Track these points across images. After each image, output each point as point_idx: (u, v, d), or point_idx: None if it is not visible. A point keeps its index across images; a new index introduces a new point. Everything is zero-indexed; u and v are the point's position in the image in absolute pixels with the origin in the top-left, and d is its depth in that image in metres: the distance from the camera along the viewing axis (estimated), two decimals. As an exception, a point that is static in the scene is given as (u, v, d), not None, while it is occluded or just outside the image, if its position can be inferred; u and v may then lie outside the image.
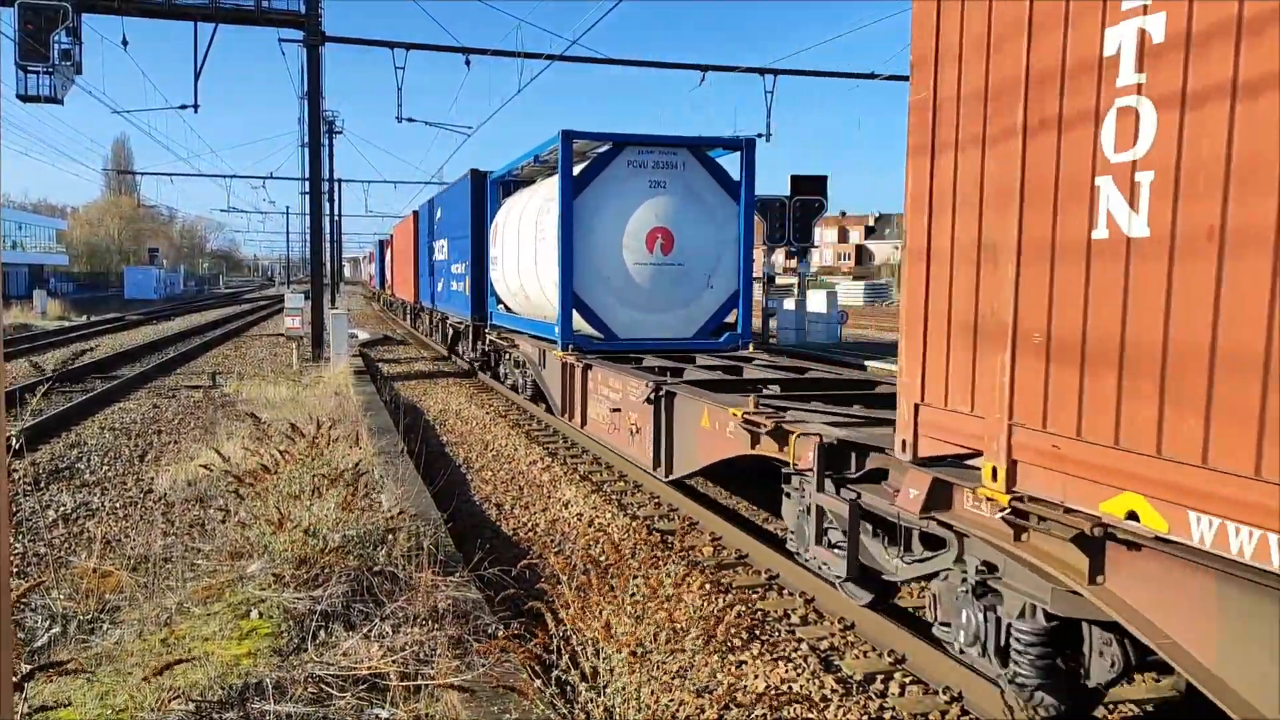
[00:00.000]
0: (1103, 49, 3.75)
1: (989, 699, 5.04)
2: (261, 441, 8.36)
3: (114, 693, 4.13)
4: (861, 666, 5.68)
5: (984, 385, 4.41)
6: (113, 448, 12.14)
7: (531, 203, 14.58)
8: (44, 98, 21.41)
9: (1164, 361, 3.47)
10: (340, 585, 5.24)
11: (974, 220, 4.49)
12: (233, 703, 4.11)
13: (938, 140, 4.78)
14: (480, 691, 4.13)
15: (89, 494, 9.67)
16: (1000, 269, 4.29)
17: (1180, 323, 3.41)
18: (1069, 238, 3.91)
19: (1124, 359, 3.64)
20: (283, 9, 22.33)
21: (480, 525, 8.92)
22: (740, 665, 5.64)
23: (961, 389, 4.59)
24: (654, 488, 10.05)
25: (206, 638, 4.77)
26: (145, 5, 21.06)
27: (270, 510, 5.84)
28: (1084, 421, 3.84)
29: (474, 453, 12.48)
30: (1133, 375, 3.60)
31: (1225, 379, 3.25)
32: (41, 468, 10.83)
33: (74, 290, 71.80)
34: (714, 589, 6.92)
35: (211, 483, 8.65)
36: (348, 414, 12.40)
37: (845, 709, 5.15)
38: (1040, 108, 4.07)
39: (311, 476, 6.49)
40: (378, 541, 5.89)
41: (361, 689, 4.28)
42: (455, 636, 4.75)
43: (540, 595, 4.75)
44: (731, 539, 8.17)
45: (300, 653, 4.65)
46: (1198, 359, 3.34)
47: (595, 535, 8.35)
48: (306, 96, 23.98)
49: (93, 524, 8.31)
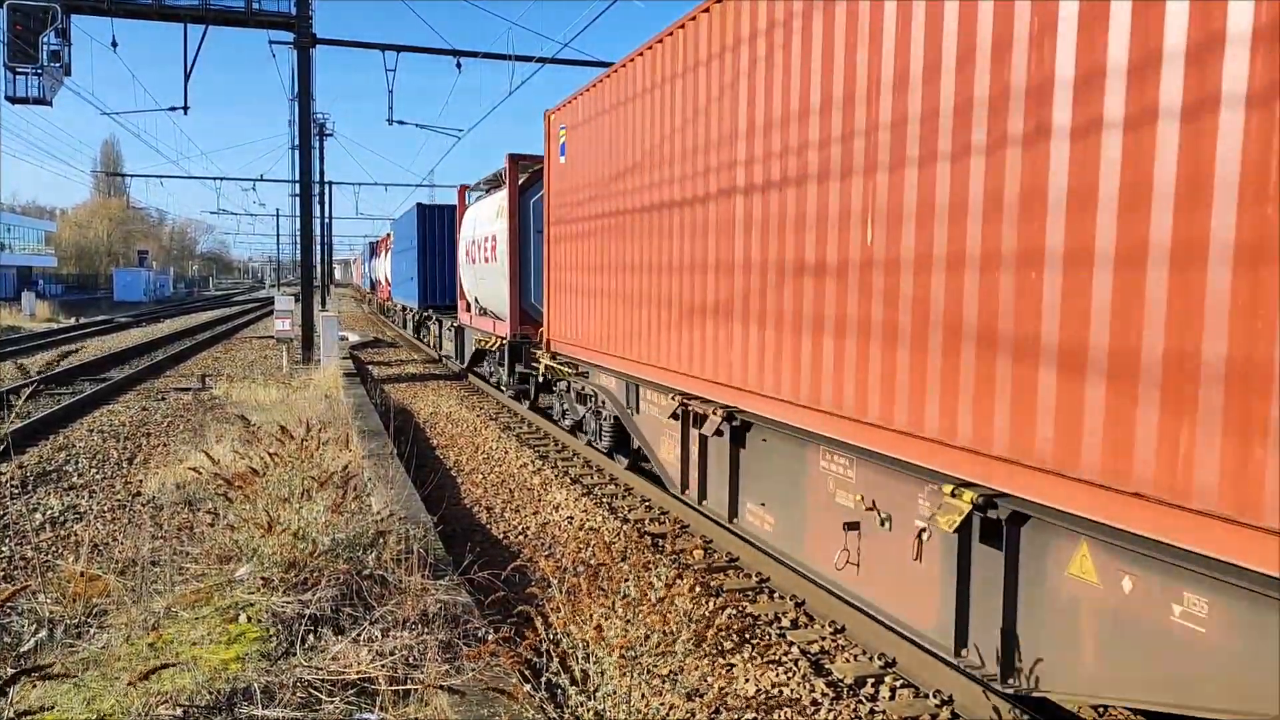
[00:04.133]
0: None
1: (978, 702, 5.04)
2: (251, 444, 8.32)
3: (101, 697, 4.10)
4: (852, 670, 5.68)
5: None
6: (101, 450, 12.08)
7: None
8: (33, 99, 21.29)
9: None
10: (329, 589, 5.22)
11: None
12: (220, 707, 4.08)
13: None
14: (470, 695, 4.11)
15: (76, 497, 9.61)
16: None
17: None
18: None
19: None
20: (273, 11, 22.26)
21: (470, 528, 8.90)
22: (730, 668, 5.63)
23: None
24: (645, 492, 10.04)
25: (194, 642, 4.74)
26: (134, 7, 20.95)
27: (259, 514, 5.81)
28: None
29: (464, 455, 12.46)
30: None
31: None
32: (29, 471, 10.75)
33: (62, 292, 71.45)
34: (704, 592, 6.91)
35: (200, 486, 8.61)
36: (338, 416, 12.36)
37: (836, 713, 5.15)
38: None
39: (301, 479, 6.46)
40: (367, 545, 5.87)
41: (350, 693, 4.26)
42: (445, 640, 4.73)
43: (530, 599, 4.74)
44: (722, 543, 8.17)
45: (289, 657, 4.63)
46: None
47: (586, 538, 8.33)
48: (297, 99, 23.91)
49: (80, 527, 8.26)
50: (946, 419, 4.65)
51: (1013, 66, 4.20)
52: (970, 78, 4.45)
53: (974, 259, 4.43)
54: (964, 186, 4.49)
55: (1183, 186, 3.44)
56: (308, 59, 22.59)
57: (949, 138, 4.60)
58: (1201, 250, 3.37)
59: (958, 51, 4.54)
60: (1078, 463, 3.88)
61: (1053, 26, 3.99)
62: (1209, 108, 3.34)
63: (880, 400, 5.19)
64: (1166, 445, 3.51)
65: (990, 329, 4.34)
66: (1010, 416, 4.24)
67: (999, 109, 4.29)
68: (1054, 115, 3.98)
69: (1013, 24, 4.20)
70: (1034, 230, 4.08)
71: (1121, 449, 3.69)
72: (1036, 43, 4.06)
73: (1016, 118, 4.19)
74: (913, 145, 4.86)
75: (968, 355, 4.50)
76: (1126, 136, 3.66)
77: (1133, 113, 3.63)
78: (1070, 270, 3.90)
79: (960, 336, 4.54)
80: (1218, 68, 3.32)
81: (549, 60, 23.25)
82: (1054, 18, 3.98)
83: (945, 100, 4.63)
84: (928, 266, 4.75)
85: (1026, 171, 4.13)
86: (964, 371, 4.52)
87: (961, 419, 4.55)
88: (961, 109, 4.51)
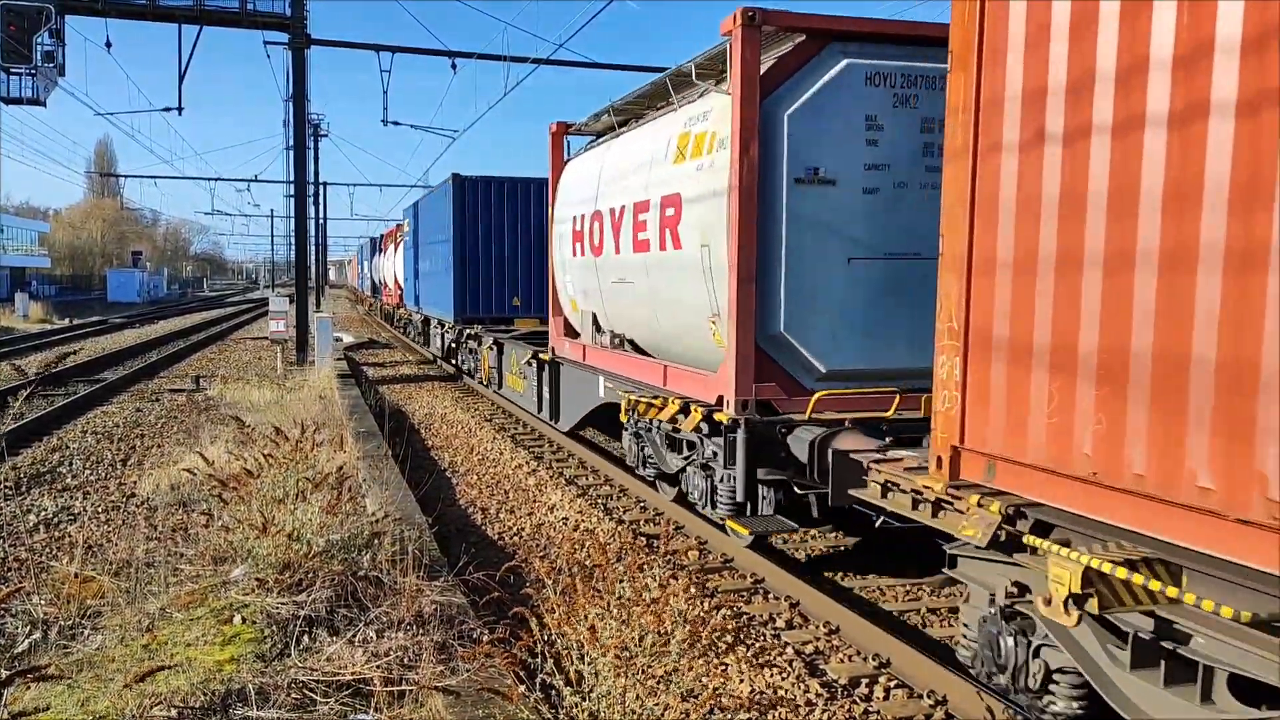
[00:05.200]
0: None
1: (972, 702, 5.06)
2: (245, 445, 8.32)
3: (95, 699, 4.10)
4: (846, 670, 5.70)
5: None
6: (95, 452, 12.05)
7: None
8: (26, 100, 21.28)
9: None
10: (324, 590, 5.22)
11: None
12: (215, 709, 4.08)
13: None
14: (465, 696, 4.12)
15: (71, 498, 9.59)
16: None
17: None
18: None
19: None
20: (268, 11, 22.24)
21: (465, 529, 8.90)
22: (725, 669, 5.64)
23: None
24: (640, 492, 10.05)
25: (189, 643, 4.73)
26: (128, 7, 20.91)
27: (254, 514, 5.81)
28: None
29: (459, 456, 12.45)
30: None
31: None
32: (23, 472, 10.73)
33: (56, 293, 71.22)
34: (699, 593, 6.93)
35: (195, 487, 8.60)
36: (332, 417, 12.35)
37: (830, 713, 5.16)
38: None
39: (296, 480, 6.45)
40: (362, 546, 5.86)
41: (345, 694, 4.26)
42: (440, 641, 4.73)
43: (525, 600, 4.75)
44: (717, 543, 8.18)
45: (284, 658, 4.62)
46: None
47: (581, 539, 8.34)
48: (291, 99, 23.89)
49: (74, 529, 8.24)
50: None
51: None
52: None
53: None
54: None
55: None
56: (302, 60, 22.57)
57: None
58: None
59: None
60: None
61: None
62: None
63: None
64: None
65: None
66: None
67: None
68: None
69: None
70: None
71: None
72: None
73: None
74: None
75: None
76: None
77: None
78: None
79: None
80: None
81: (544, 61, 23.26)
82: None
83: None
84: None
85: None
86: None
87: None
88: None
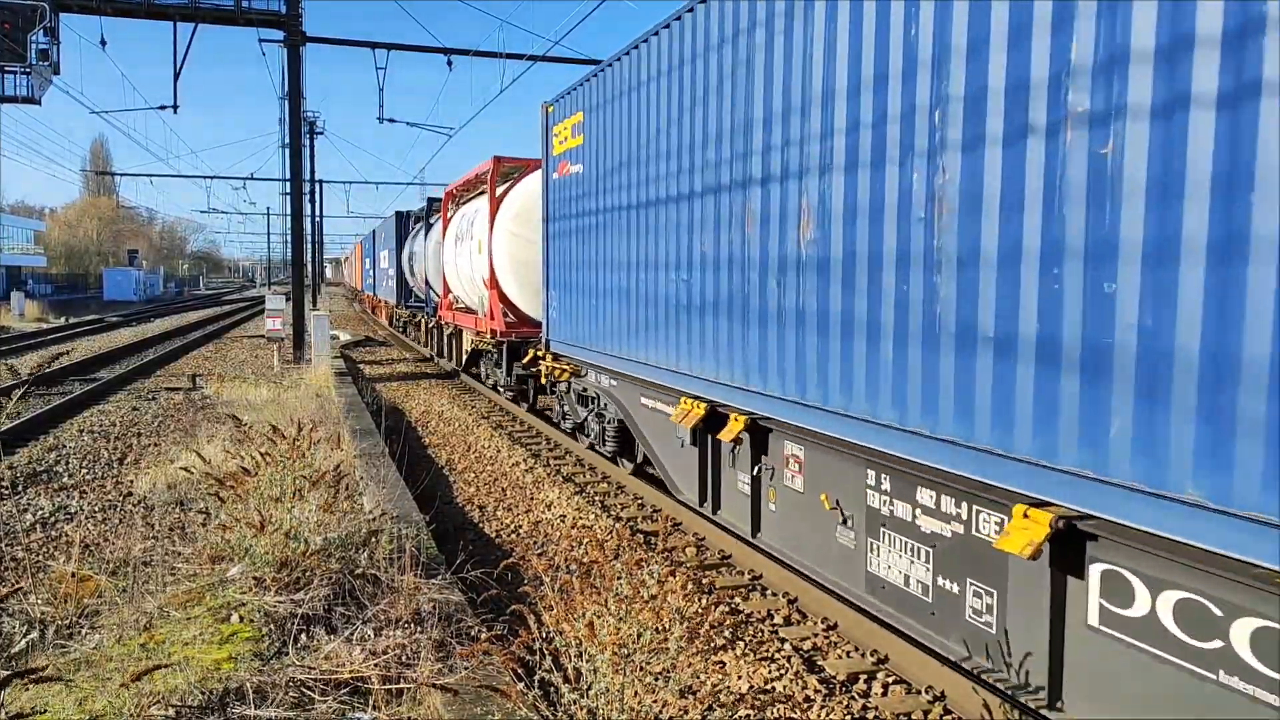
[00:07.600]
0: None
1: (970, 699, 5.07)
2: (242, 444, 8.30)
3: (92, 698, 4.09)
4: (844, 667, 5.70)
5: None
6: (92, 451, 12.03)
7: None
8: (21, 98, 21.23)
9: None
10: (322, 588, 5.21)
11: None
12: (213, 708, 4.08)
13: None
14: (463, 693, 4.12)
15: (67, 498, 9.57)
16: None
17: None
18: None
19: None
20: (263, 9, 22.19)
21: (463, 527, 8.90)
22: (723, 666, 5.64)
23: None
24: (637, 490, 10.05)
25: (186, 642, 4.73)
26: (123, 5, 20.85)
27: (251, 513, 5.79)
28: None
29: (456, 454, 12.45)
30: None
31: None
32: (19, 471, 10.71)
33: (52, 292, 71.07)
34: (697, 589, 6.93)
35: (192, 485, 8.59)
36: (329, 416, 12.33)
37: (828, 709, 5.16)
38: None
39: (293, 479, 6.44)
40: (360, 544, 5.86)
41: (343, 693, 4.26)
42: (438, 639, 4.73)
43: (523, 597, 4.75)
44: (714, 540, 8.18)
45: (281, 657, 4.62)
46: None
47: (579, 536, 8.34)
48: (287, 97, 23.84)
49: (71, 528, 8.23)
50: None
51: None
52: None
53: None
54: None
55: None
56: (298, 57, 22.53)
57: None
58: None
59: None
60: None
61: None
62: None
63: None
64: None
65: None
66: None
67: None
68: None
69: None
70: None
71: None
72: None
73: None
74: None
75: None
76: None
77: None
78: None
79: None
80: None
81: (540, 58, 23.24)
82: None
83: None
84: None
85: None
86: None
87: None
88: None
